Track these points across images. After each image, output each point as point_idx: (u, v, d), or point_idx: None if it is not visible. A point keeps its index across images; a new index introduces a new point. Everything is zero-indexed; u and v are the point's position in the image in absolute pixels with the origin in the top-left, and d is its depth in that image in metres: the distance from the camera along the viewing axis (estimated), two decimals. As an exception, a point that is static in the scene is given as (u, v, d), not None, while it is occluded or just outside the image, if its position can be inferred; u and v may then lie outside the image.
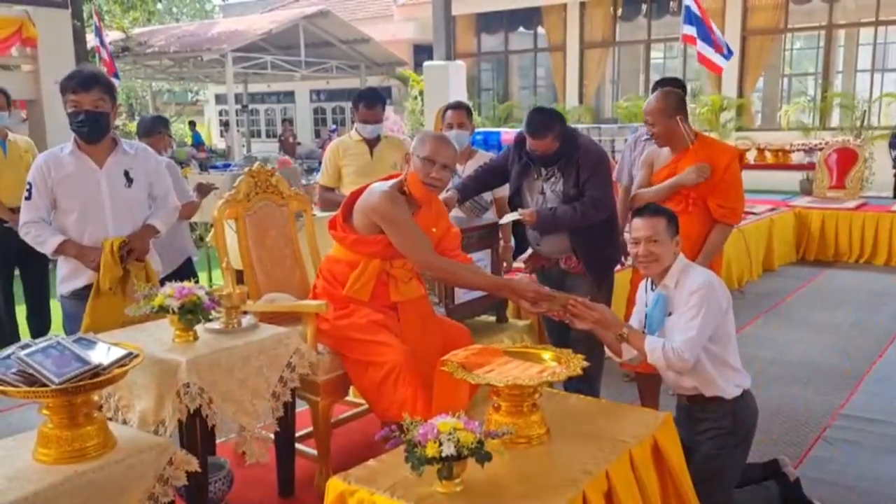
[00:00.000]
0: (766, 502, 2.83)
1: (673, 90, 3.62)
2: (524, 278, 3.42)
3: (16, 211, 4.59)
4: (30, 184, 3.11)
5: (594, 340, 2.92)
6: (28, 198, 3.12)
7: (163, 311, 2.53)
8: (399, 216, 2.92)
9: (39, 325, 4.88)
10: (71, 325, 3.20)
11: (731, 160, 3.46)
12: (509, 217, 3.52)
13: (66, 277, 3.21)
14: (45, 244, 3.12)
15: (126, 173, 3.22)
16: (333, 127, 20.85)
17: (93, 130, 3.09)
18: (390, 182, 3.04)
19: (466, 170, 4.03)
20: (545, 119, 3.32)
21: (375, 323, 2.93)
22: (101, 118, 3.09)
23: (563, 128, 3.35)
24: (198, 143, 18.57)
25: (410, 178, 2.97)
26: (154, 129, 4.47)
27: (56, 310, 5.19)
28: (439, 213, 3.15)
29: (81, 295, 3.15)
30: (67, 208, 3.14)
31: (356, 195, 3.08)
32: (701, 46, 7.56)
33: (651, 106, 3.49)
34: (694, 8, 7.51)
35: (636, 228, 2.71)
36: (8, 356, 1.98)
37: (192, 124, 20.66)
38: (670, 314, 2.68)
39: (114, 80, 12.88)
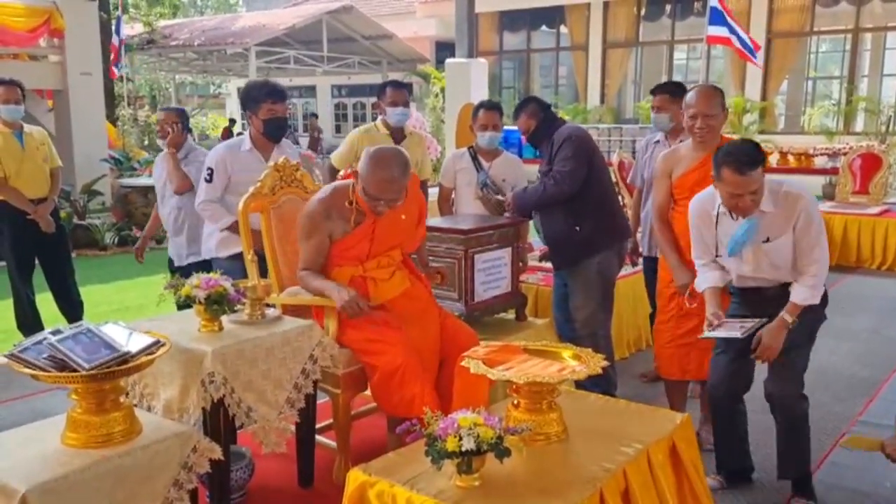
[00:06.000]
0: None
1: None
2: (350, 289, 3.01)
3: (36, 202, 4.67)
4: (210, 169, 3.68)
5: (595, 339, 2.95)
6: (209, 181, 3.68)
7: (189, 301, 2.57)
8: (303, 227, 3.04)
9: (72, 310, 4.91)
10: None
11: None
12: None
13: (223, 242, 3.77)
14: (220, 221, 3.70)
15: None
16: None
17: (283, 133, 3.81)
18: (333, 187, 3.11)
19: (493, 168, 4.05)
20: (521, 102, 3.82)
21: (372, 322, 2.94)
22: (286, 123, 3.84)
23: (536, 108, 3.68)
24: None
25: (359, 198, 2.99)
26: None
27: (87, 294, 5.29)
28: (397, 212, 3.06)
29: (238, 257, 3.49)
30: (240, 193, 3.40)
31: None
32: (734, 40, 7.53)
33: (708, 100, 3.19)
34: (721, 7, 7.48)
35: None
36: (40, 342, 2.03)
37: (231, 122, 20.40)
38: (767, 240, 2.74)
39: (114, 69, 12.63)
